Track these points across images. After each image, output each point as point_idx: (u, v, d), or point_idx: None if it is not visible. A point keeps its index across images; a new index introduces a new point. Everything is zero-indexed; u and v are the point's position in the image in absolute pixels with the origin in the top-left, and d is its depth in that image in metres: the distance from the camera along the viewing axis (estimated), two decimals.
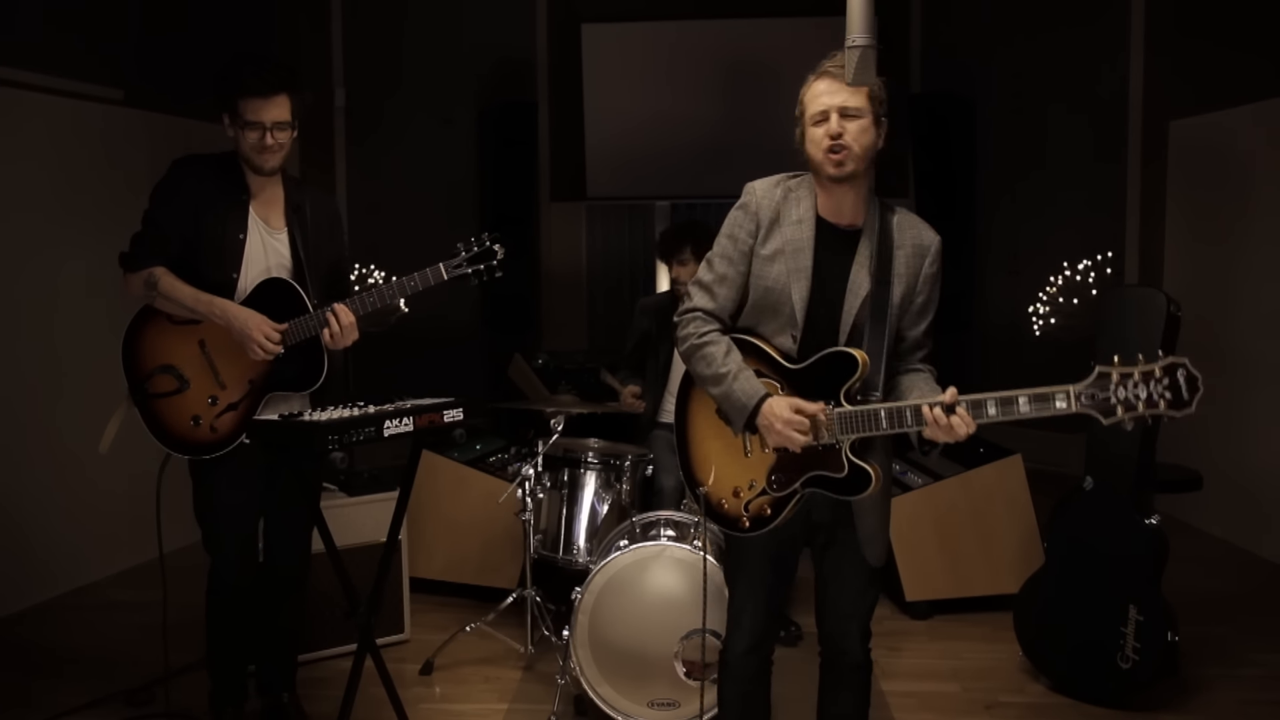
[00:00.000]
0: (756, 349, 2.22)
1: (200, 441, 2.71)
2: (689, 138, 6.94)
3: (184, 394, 2.71)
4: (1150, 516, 3.21)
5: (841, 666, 2.41)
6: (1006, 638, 3.73)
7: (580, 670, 3.06)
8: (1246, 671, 3.52)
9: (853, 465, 2.11)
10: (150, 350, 2.73)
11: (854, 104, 2.14)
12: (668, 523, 3.28)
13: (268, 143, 2.67)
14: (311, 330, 2.72)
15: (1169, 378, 1.80)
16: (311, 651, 3.54)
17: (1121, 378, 1.84)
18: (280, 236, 2.82)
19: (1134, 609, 3.16)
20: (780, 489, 2.18)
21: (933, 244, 2.24)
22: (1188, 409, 1.79)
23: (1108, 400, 1.85)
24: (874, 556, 2.28)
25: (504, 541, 4.17)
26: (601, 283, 7.47)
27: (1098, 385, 1.86)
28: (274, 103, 2.65)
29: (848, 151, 2.13)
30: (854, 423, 2.09)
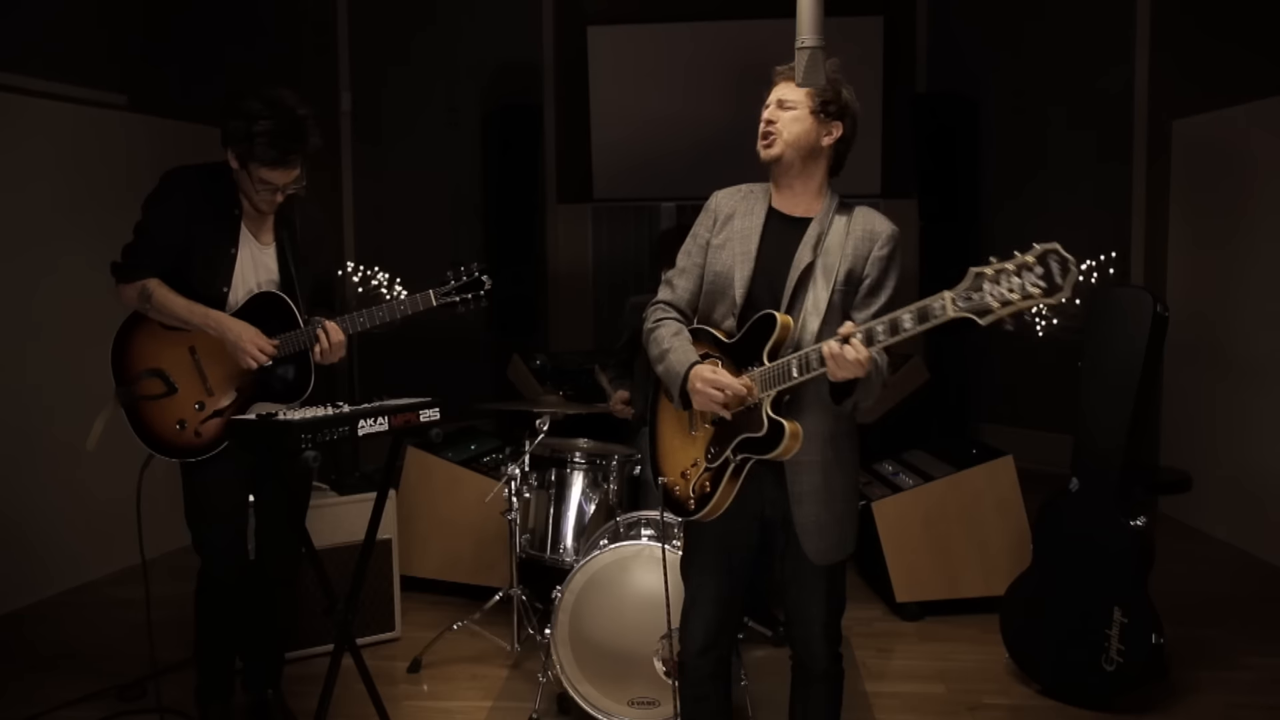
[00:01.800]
0: (704, 333, 2.29)
1: (184, 445, 2.75)
2: (694, 139, 6.96)
3: (171, 398, 2.74)
4: (1136, 518, 3.19)
5: (809, 673, 2.39)
6: (995, 639, 3.70)
7: (561, 669, 3.08)
8: (1237, 675, 3.48)
9: (771, 421, 2.12)
10: (140, 353, 2.77)
11: (791, 96, 2.27)
12: (648, 522, 3.28)
13: (277, 200, 2.73)
14: (301, 345, 2.77)
15: (1042, 265, 1.75)
16: (300, 649, 3.58)
17: (996, 273, 1.80)
18: (269, 251, 2.85)
19: (1118, 611, 3.14)
20: (714, 460, 2.21)
21: (884, 230, 2.26)
22: (1061, 292, 1.73)
23: (983, 299, 1.81)
24: (814, 551, 2.24)
25: (496, 541, 4.19)
26: (607, 284, 7.49)
27: (973, 286, 1.83)
28: (288, 171, 2.68)
29: (774, 137, 2.26)
30: (770, 378, 2.12)
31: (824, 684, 2.39)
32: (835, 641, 2.37)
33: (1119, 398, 3.24)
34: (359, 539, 3.67)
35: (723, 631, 2.37)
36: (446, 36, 7.03)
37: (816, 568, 2.28)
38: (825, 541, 2.25)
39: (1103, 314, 3.35)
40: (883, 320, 1.98)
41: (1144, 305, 3.24)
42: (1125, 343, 3.25)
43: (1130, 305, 3.27)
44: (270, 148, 2.61)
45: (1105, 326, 3.32)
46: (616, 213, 7.43)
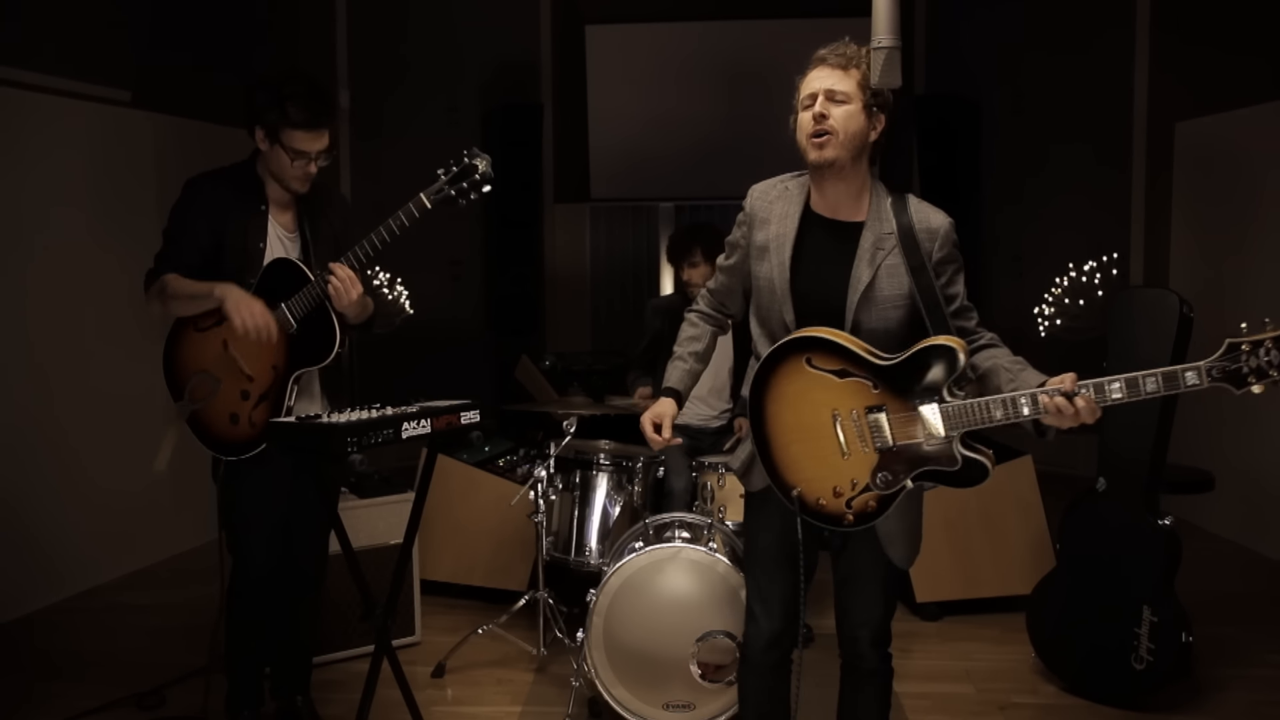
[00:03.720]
0: (839, 348, 2.12)
1: (242, 439, 2.72)
2: (693, 139, 6.95)
3: (220, 394, 2.72)
4: (1163, 518, 3.22)
5: (858, 672, 2.39)
6: (1017, 639, 3.73)
7: (595, 672, 3.05)
8: (1259, 672, 3.52)
9: (966, 458, 2.03)
10: (184, 362, 2.77)
11: (842, 88, 2.13)
12: (681, 524, 3.27)
13: (310, 171, 2.71)
14: (315, 298, 2.71)
15: None
16: (324, 654, 3.53)
17: (1252, 346, 1.81)
18: (294, 238, 2.85)
19: (1148, 610, 3.16)
20: (888, 486, 2.11)
21: (941, 227, 2.19)
22: None
23: (1239, 371, 1.82)
24: (899, 558, 2.25)
25: (514, 543, 4.16)
26: (605, 284, 7.47)
27: (1228, 358, 1.83)
28: (319, 135, 2.68)
29: (831, 136, 2.11)
30: (963, 417, 2.01)
31: (873, 683, 2.39)
32: (886, 642, 2.37)
33: (1144, 402, 3.25)
34: (380, 543, 3.66)
35: (786, 630, 2.36)
36: (445, 35, 6.98)
37: (876, 571, 2.28)
38: (908, 548, 2.26)
39: (1127, 315, 3.36)
40: (1120, 379, 1.91)
41: (1170, 306, 3.25)
42: (1151, 344, 3.27)
43: (1155, 306, 3.29)
44: (304, 108, 2.61)
45: (1131, 327, 3.34)
46: (614, 213, 7.41)
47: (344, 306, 2.71)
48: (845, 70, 2.14)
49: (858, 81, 2.14)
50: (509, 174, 6.65)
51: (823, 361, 2.13)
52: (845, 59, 2.15)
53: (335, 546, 3.51)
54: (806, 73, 2.22)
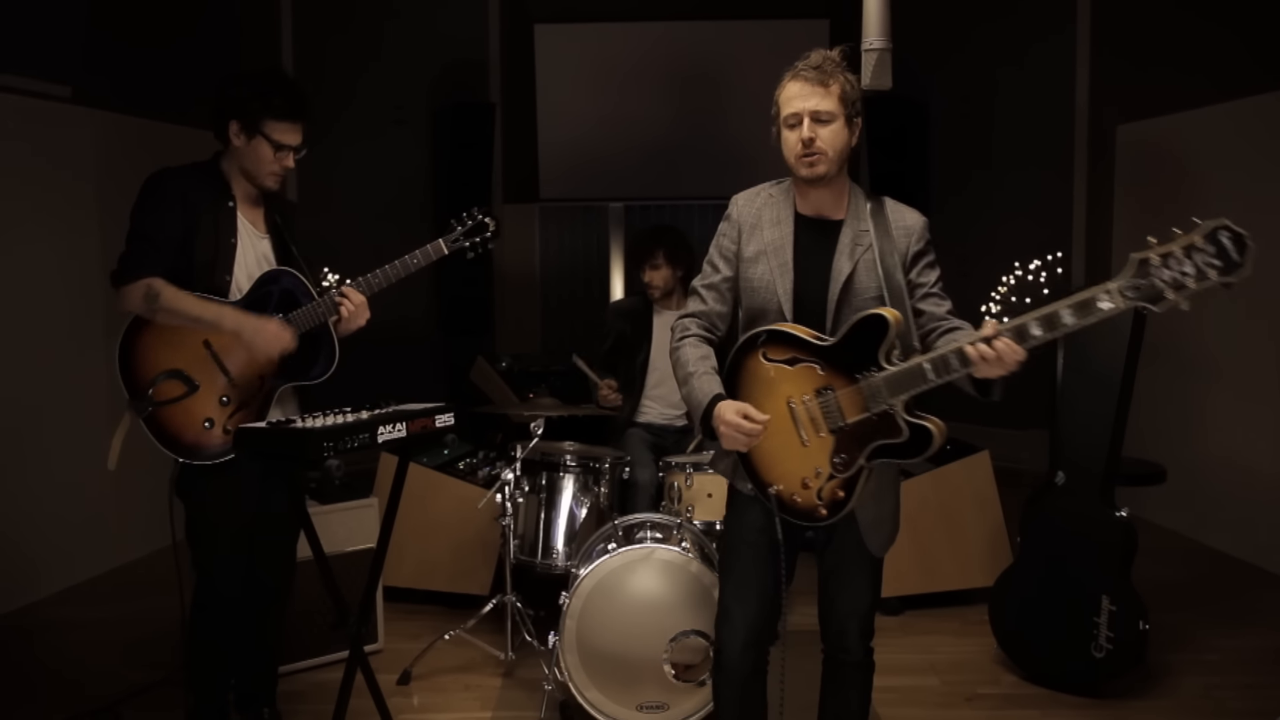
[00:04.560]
0: (788, 336, 2.20)
1: (215, 446, 2.64)
2: (643, 139, 6.95)
3: (193, 397, 2.62)
4: (1119, 510, 3.31)
5: (844, 666, 2.43)
6: (977, 630, 3.81)
7: (568, 675, 3.03)
8: (1209, 657, 3.64)
9: (912, 425, 2.09)
10: (150, 357, 2.63)
11: (826, 108, 2.18)
12: (651, 525, 3.26)
13: (288, 164, 2.69)
14: (320, 317, 2.72)
15: (1213, 244, 1.67)
16: (287, 663, 3.45)
17: (1163, 258, 1.72)
18: (264, 240, 2.81)
19: (1106, 599, 3.25)
20: (846, 469, 2.16)
21: (916, 226, 2.28)
22: (1242, 269, 1.64)
23: (1153, 286, 1.74)
24: (876, 546, 2.29)
25: (476, 547, 4.12)
26: (555, 285, 7.43)
27: (1139, 274, 1.75)
28: (299, 128, 2.68)
29: (820, 155, 2.18)
30: (900, 383, 2.06)
31: (857, 675, 2.43)
32: (869, 634, 2.41)
33: (1103, 393, 3.35)
34: (343, 549, 3.59)
35: (764, 629, 2.37)
36: (391, 32, 6.88)
37: (861, 562, 2.32)
38: (884, 535, 2.31)
39: None
40: (1037, 316, 1.91)
41: None
42: (1108, 340, 3.37)
43: None
44: (289, 99, 2.64)
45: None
46: (564, 213, 7.37)
47: (347, 331, 2.76)
48: (826, 87, 2.18)
49: (838, 96, 2.19)
50: (460, 174, 6.60)
51: (775, 353, 2.22)
52: (824, 74, 2.18)
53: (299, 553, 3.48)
54: (784, 85, 2.24)
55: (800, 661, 2.90)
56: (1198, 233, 1.68)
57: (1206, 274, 1.66)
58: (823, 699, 2.50)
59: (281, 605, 2.98)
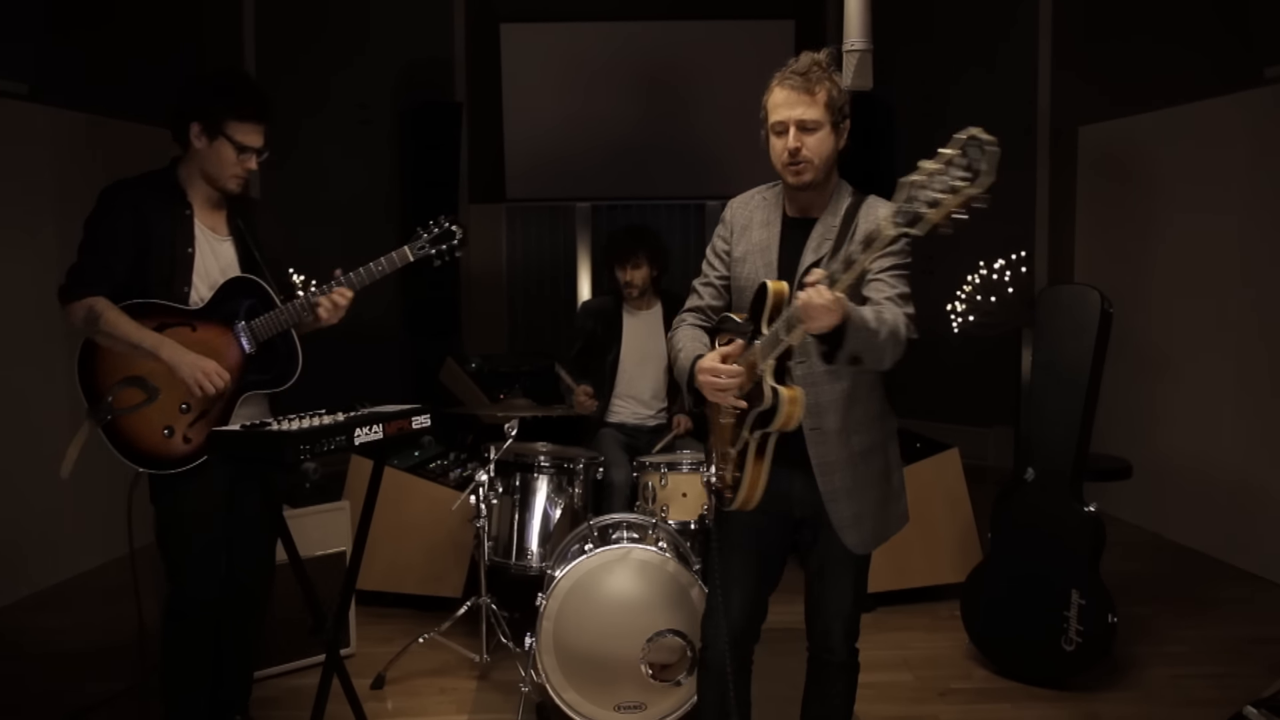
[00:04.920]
0: (726, 320, 2.28)
1: (175, 454, 2.59)
2: (609, 139, 6.95)
3: (154, 405, 2.57)
4: (1087, 505, 3.36)
5: (828, 666, 2.43)
6: (948, 626, 3.86)
7: (545, 677, 3.02)
8: (1173, 648, 3.71)
9: (774, 391, 2.07)
10: (110, 365, 2.58)
11: (811, 116, 2.19)
12: (626, 525, 3.26)
13: (251, 166, 2.64)
14: (282, 325, 2.68)
15: (965, 156, 1.63)
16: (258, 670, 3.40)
17: (927, 177, 1.67)
18: (226, 244, 2.75)
19: (1076, 593, 3.29)
20: (735, 443, 2.20)
21: (886, 213, 2.24)
22: (985, 176, 1.60)
23: (913, 209, 1.70)
24: (854, 543, 2.29)
25: (447, 549, 4.09)
26: (522, 285, 7.40)
27: (905, 200, 1.71)
28: (262, 129, 2.63)
29: (806, 164, 2.21)
30: (768, 346, 2.05)
31: (841, 675, 2.44)
32: (855, 634, 2.41)
33: (1072, 390, 3.41)
34: (315, 553, 3.54)
35: (749, 630, 2.39)
36: (356, 31, 6.82)
37: (845, 561, 2.33)
38: (864, 532, 2.29)
39: (1053, 310, 3.51)
40: (838, 259, 1.89)
41: (1092, 302, 3.41)
42: (1075, 338, 3.42)
43: (1079, 302, 3.44)
44: (251, 100, 2.59)
45: (1056, 322, 3.48)
46: (531, 213, 7.35)
47: (312, 329, 2.75)
48: (812, 95, 2.18)
49: (824, 104, 2.19)
50: (427, 173, 6.55)
51: (721, 339, 2.28)
52: (810, 81, 2.18)
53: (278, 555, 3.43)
54: (771, 90, 2.25)
55: (777, 660, 2.94)
56: (953, 146, 1.64)
57: (957, 186, 1.62)
58: (806, 699, 2.51)
59: (262, 610, 2.94)
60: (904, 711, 3.27)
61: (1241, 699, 3.16)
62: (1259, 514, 4.55)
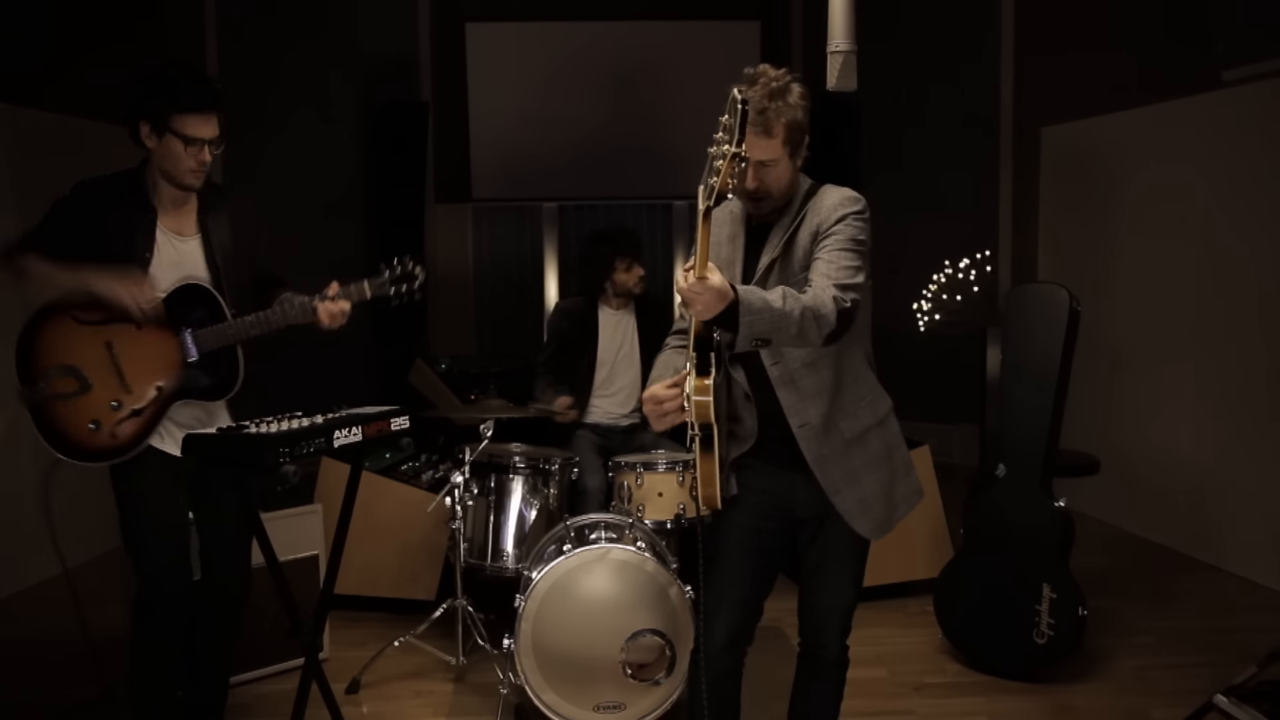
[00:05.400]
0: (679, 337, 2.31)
1: (97, 448, 2.56)
2: (576, 139, 6.94)
3: (85, 397, 2.55)
4: (1057, 500, 3.42)
5: (820, 662, 2.44)
6: (921, 621, 3.90)
7: (524, 678, 3.01)
8: (1140, 640, 3.79)
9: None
10: (49, 349, 2.57)
11: (769, 156, 2.17)
12: (603, 525, 3.25)
13: (204, 159, 2.58)
14: (229, 339, 2.64)
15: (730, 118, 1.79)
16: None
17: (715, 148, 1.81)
18: (192, 243, 2.70)
19: (1047, 587, 3.35)
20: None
21: (827, 204, 2.24)
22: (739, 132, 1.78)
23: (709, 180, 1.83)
24: (868, 529, 2.27)
25: (420, 551, 4.06)
26: (489, 286, 7.36)
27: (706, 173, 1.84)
28: (211, 120, 2.57)
29: (766, 199, 2.24)
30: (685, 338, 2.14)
31: (833, 672, 2.45)
32: (848, 631, 2.42)
33: (1041, 388, 3.46)
34: (287, 557, 3.48)
35: (743, 632, 2.37)
36: (319, 27, 6.74)
37: (845, 558, 2.33)
38: (874, 518, 2.27)
39: (1023, 308, 3.56)
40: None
41: (1061, 301, 3.47)
42: (1045, 336, 3.48)
43: (1048, 301, 3.50)
44: (193, 90, 2.53)
45: (1026, 320, 3.53)
46: (497, 213, 7.31)
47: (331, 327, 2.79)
48: (770, 135, 2.15)
49: (782, 139, 2.17)
50: (393, 173, 6.49)
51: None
52: (768, 119, 2.14)
53: None
54: None
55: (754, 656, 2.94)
56: (729, 106, 1.78)
57: (725, 151, 1.78)
58: (795, 695, 2.51)
59: (238, 612, 2.90)
60: (880, 706, 3.30)
61: (1208, 688, 3.24)
62: (1217, 507, 4.66)
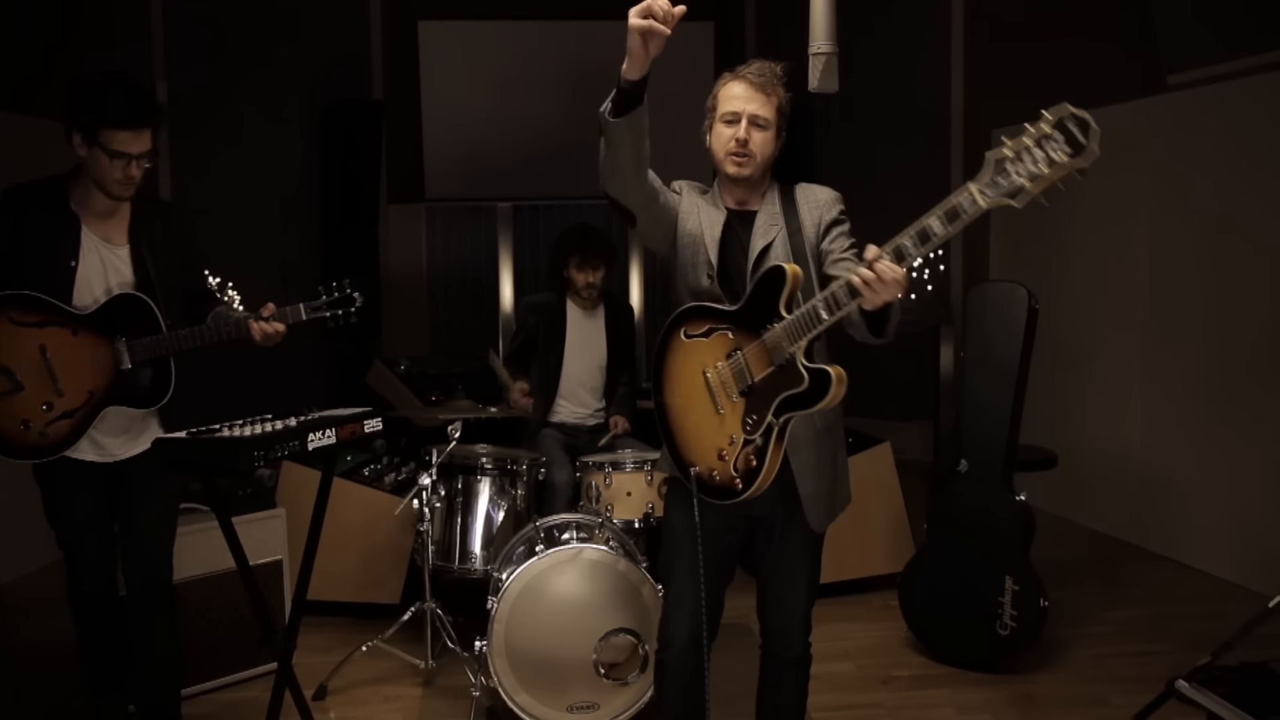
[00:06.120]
0: (703, 310, 2.26)
1: (26, 445, 2.61)
2: (530, 139, 6.91)
3: (16, 397, 2.59)
4: (1018, 494, 3.49)
5: (783, 661, 2.47)
6: (884, 615, 3.96)
7: (497, 680, 2.99)
8: (1096, 629, 3.88)
9: (811, 371, 2.09)
10: None
11: (765, 114, 2.25)
12: (573, 525, 3.24)
13: (132, 173, 2.59)
14: (163, 350, 2.68)
15: (1062, 131, 1.74)
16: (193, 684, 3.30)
17: (1016, 153, 1.77)
18: (122, 253, 2.71)
19: (1010, 579, 3.42)
20: (756, 429, 2.15)
21: (826, 197, 2.35)
22: (1088, 151, 1.71)
23: (1012, 182, 1.79)
24: (815, 521, 2.31)
25: (384, 555, 4.02)
26: (443, 287, 7.31)
27: (997, 172, 1.80)
28: (141, 135, 2.57)
29: (750, 159, 2.26)
30: (796, 329, 2.08)
31: (797, 670, 2.48)
32: (809, 629, 2.46)
33: (1002, 384, 3.53)
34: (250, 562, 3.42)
35: (708, 624, 2.39)
36: (269, 28, 6.63)
37: (803, 557, 2.36)
38: (819, 512, 2.32)
39: (982, 306, 3.63)
40: (908, 233, 1.90)
41: (1020, 299, 3.54)
42: (1004, 334, 3.55)
43: (1007, 299, 3.57)
44: (122, 106, 2.53)
45: (985, 318, 3.60)
46: (450, 213, 7.26)
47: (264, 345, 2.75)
48: (768, 96, 2.25)
49: (775, 108, 2.27)
50: (346, 173, 6.41)
51: (693, 328, 2.27)
52: (767, 83, 2.25)
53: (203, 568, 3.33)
54: (725, 84, 2.30)
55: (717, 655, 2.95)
56: (1045, 123, 1.74)
57: (1057, 160, 1.72)
58: (761, 695, 2.54)
59: (171, 616, 2.90)
60: (849, 700, 3.34)
61: (1163, 674, 3.32)
62: (1163, 499, 4.80)
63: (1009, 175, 1.78)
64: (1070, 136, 1.71)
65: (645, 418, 4.15)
